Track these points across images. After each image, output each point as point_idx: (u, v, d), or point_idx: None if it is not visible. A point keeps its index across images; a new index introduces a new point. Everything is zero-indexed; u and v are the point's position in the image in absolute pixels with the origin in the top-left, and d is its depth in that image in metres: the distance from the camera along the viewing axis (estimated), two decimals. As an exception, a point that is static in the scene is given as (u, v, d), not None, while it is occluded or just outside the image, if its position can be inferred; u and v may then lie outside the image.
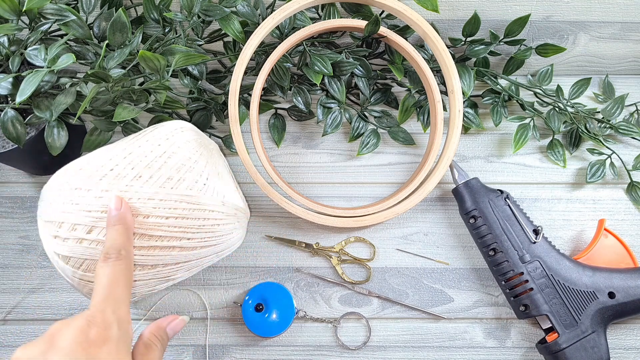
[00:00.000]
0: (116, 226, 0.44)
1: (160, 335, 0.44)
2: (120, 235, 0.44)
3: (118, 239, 0.43)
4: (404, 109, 0.62)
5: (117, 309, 0.40)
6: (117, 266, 0.42)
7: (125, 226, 0.44)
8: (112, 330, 0.39)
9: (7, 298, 0.59)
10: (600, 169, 0.61)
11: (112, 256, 0.43)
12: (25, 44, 0.49)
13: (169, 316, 0.46)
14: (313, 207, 0.57)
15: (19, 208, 0.61)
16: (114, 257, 0.43)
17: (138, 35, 0.52)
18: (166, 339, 0.44)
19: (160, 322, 0.45)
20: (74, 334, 0.37)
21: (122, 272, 0.42)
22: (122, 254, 0.43)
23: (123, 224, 0.44)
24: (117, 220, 0.44)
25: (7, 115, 0.48)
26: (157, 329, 0.44)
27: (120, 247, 0.43)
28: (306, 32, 0.56)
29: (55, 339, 0.37)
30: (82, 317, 0.38)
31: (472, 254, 0.60)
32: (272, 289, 0.57)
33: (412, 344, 0.58)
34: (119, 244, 0.43)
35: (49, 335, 0.37)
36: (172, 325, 0.46)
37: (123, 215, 0.44)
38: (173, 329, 0.45)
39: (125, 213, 0.44)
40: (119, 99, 0.53)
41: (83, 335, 0.37)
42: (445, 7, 0.60)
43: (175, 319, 0.46)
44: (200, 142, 0.51)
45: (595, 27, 0.62)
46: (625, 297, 0.53)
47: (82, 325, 0.38)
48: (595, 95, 0.66)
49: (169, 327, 0.45)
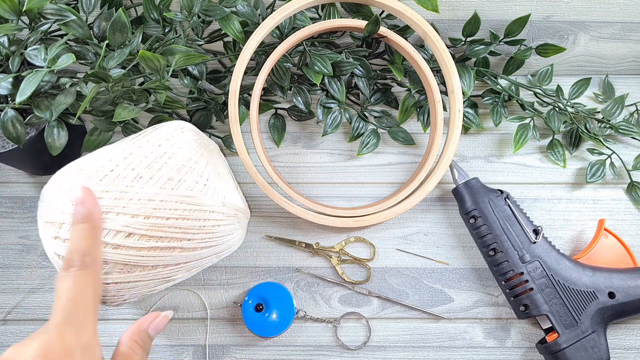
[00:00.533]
0: (81, 225, 0.37)
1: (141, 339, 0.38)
2: (85, 236, 0.37)
3: (82, 242, 0.37)
4: (404, 109, 0.62)
5: (81, 332, 0.34)
6: (81, 277, 0.36)
7: (92, 224, 0.38)
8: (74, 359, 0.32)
9: (7, 298, 0.59)
10: (600, 169, 0.61)
11: (74, 263, 0.36)
12: (25, 44, 0.49)
13: (149, 315, 0.40)
14: (313, 207, 0.57)
15: (19, 208, 0.61)
16: (77, 265, 0.36)
17: (138, 35, 0.52)
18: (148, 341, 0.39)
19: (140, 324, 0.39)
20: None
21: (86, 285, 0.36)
22: (87, 261, 0.36)
23: (89, 221, 0.37)
24: (83, 217, 0.37)
25: (7, 115, 0.48)
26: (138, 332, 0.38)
27: (84, 251, 0.36)
28: (306, 32, 0.56)
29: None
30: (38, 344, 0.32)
31: (472, 254, 0.60)
32: (272, 289, 0.57)
33: (412, 344, 0.58)
34: (83, 247, 0.37)
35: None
36: (154, 324, 0.40)
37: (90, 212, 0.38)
38: (155, 328, 0.40)
39: (92, 208, 0.38)
40: (119, 99, 0.52)
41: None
42: (445, 7, 0.60)
43: (156, 317, 0.40)
44: (200, 143, 0.51)
45: (595, 27, 0.62)
46: (625, 297, 0.53)
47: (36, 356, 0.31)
48: (595, 95, 0.66)
49: (150, 327, 0.39)
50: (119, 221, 0.44)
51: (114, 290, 0.46)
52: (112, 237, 0.44)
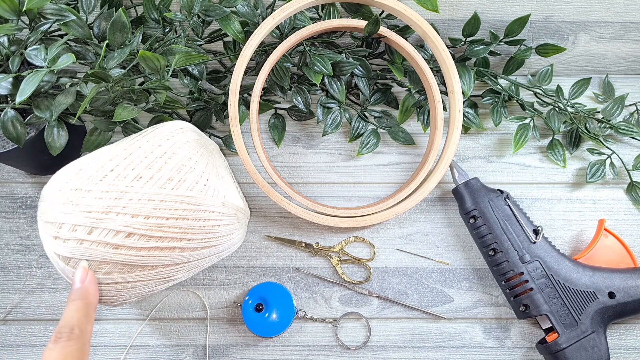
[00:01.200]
0: (75, 301, 0.40)
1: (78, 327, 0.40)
2: (76, 311, 0.40)
3: (74, 316, 0.39)
4: (404, 109, 0.62)
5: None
6: (67, 348, 0.38)
7: (86, 302, 0.40)
8: None
9: (7, 298, 0.59)
10: (600, 169, 0.61)
11: (63, 336, 0.38)
12: (25, 44, 0.49)
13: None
14: (313, 207, 0.57)
15: (19, 208, 0.61)
16: (65, 338, 0.38)
17: (138, 35, 0.52)
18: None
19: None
20: None
21: (71, 355, 0.37)
22: (75, 333, 0.38)
23: (83, 299, 0.40)
24: (78, 294, 0.40)
25: (7, 115, 0.48)
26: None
27: (73, 325, 0.39)
28: (306, 32, 0.56)
29: None
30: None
31: (472, 254, 0.60)
32: (272, 289, 0.57)
33: (412, 344, 0.58)
34: (73, 321, 0.39)
35: None
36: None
37: (85, 290, 0.41)
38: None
39: (88, 287, 0.41)
40: (119, 99, 0.52)
41: None
42: (445, 7, 0.60)
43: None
44: (200, 143, 0.51)
45: (595, 27, 0.62)
46: (625, 297, 0.53)
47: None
48: (595, 95, 0.66)
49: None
50: (119, 221, 0.44)
51: (114, 290, 0.46)
52: (112, 237, 0.44)
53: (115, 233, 0.44)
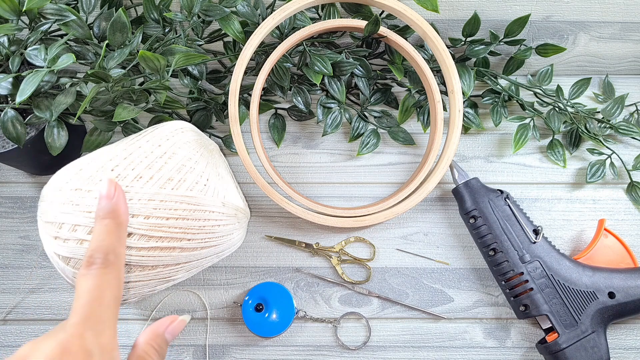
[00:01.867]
0: (105, 220, 0.36)
1: (157, 343, 0.37)
2: (109, 233, 0.36)
3: (106, 239, 0.36)
4: (404, 109, 0.62)
5: (100, 334, 0.33)
6: (103, 276, 0.34)
7: (117, 221, 0.36)
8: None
9: (7, 298, 0.59)
10: (600, 169, 0.61)
11: (96, 261, 0.35)
12: (25, 44, 0.49)
13: (166, 318, 0.39)
14: (313, 207, 0.57)
15: (19, 208, 0.61)
16: (99, 263, 0.35)
17: (138, 35, 0.52)
18: (165, 346, 0.37)
19: (156, 328, 0.38)
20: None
21: (109, 284, 0.34)
22: (110, 259, 0.35)
23: (114, 217, 0.36)
24: (108, 212, 0.36)
25: (7, 115, 0.48)
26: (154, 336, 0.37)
27: (108, 249, 0.35)
28: (306, 32, 0.56)
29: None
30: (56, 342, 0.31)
31: (472, 254, 0.60)
32: (272, 289, 0.57)
33: (412, 344, 0.58)
34: (107, 245, 0.36)
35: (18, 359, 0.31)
36: (171, 328, 0.39)
37: (115, 206, 0.36)
38: (172, 332, 0.39)
39: (118, 203, 0.37)
40: (119, 99, 0.52)
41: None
42: (445, 7, 0.60)
43: (173, 321, 0.39)
44: (200, 143, 0.51)
45: (595, 27, 0.62)
46: (625, 297, 0.53)
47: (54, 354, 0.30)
48: (595, 95, 0.66)
49: (167, 332, 0.38)
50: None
51: (114, 290, 0.46)
52: (112, 237, 0.45)
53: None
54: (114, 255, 0.35)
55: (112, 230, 0.36)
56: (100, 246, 0.35)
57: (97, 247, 0.35)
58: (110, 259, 0.35)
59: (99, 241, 0.36)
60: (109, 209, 0.36)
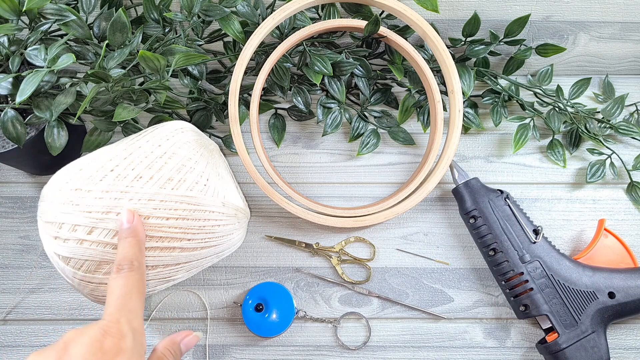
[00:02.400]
0: (128, 239, 0.44)
1: (174, 350, 0.43)
2: (132, 247, 0.44)
3: (130, 251, 0.43)
4: (404, 109, 0.62)
5: (132, 320, 0.40)
6: (131, 277, 0.42)
7: (137, 239, 0.44)
8: (127, 341, 0.39)
9: (7, 298, 0.59)
10: (600, 169, 0.61)
11: (124, 267, 0.42)
12: (25, 44, 0.49)
13: (183, 332, 0.46)
14: (313, 207, 0.57)
15: (19, 208, 0.61)
16: (127, 269, 0.42)
17: (138, 35, 0.52)
18: (179, 354, 0.44)
19: (174, 337, 0.45)
20: (89, 344, 0.37)
21: (135, 283, 0.42)
22: (135, 265, 0.43)
23: (135, 236, 0.44)
24: (129, 233, 0.44)
25: (7, 115, 0.48)
26: (172, 343, 0.44)
27: (132, 258, 0.43)
28: (306, 32, 0.56)
29: (69, 347, 0.37)
30: (97, 327, 0.38)
31: (472, 254, 0.60)
32: (272, 289, 0.57)
33: (412, 344, 0.58)
34: (131, 255, 0.43)
35: (63, 343, 0.37)
36: (186, 341, 0.45)
37: (135, 228, 0.44)
38: (186, 344, 0.45)
39: (137, 226, 0.44)
40: (119, 99, 0.52)
41: (97, 345, 0.37)
42: (445, 7, 0.60)
43: (189, 335, 0.46)
44: (200, 143, 0.51)
45: (595, 27, 0.62)
46: (625, 297, 0.53)
47: (96, 335, 0.37)
48: (595, 95, 0.66)
49: (182, 343, 0.45)
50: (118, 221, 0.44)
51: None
52: (112, 237, 0.45)
53: (116, 233, 0.44)
54: (138, 263, 0.43)
55: (133, 245, 0.44)
56: (125, 257, 0.43)
57: (124, 257, 0.43)
58: (135, 264, 0.43)
59: (124, 253, 0.43)
60: (130, 230, 0.44)
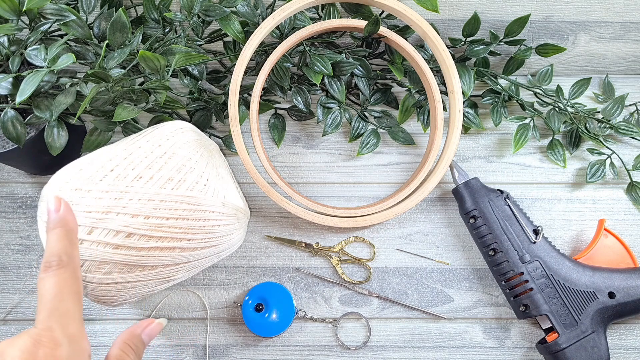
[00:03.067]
0: (55, 230, 0.39)
1: (134, 343, 0.40)
2: (60, 239, 0.39)
3: (57, 244, 0.39)
4: (404, 109, 0.62)
5: (66, 325, 0.36)
6: (60, 275, 0.37)
7: (66, 228, 0.40)
8: (62, 349, 0.35)
9: (7, 298, 0.59)
10: (600, 169, 0.61)
11: (52, 264, 0.38)
12: (25, 44, 0.49)
13: (143, 321, 0.42)
14: (313, 207, 0.57)
15: (19, 208, 0.61)
16: (55, 265, 0.38)
17: (138, 35, 0.52)
18: (141, 346, 0.41)
19: (134, 329, 0.41)
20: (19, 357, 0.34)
21: (66, 281, 0.37)
22: (64, 259, 0.38)
23: (63, 226, 0.40)
24: (57, 223, 0.39)
25: (7, 115, 0.48)
26: (131, 336, 0.40)
27: (61, 252, 0.38)
28: (306, 32, 0.56)
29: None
30: (28, 337, 0.35)
31: (472, 254, 0.60)
32: (272, 289, 0.57)
33: (412, 344, 0.58)
34: (58, 249, 0.38)
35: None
36: (148, 330, 0.42)
37: (63, 217, 0.40)
38: (149, 334, 0.42)
39: (65, 214, 0.40)
40: (119, 99, 0.52)
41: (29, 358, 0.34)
42: (445, 7, 0.60)
43: (150, 324, 0.42)
44: (200, 143, 0.51)
45: (595, 27, 0.62)
46: (625, 297, 0.53)
47: (27, 346, 0.34)
48: (595, 95, 0.66)
49: (144, 333, 0.42)
50: (119, 221, 0.44)
51: (114, 290, 0.46)
52: (112, 237, 0.45)
53: (115, 233, 0.44)
54: (67, 257, 0.39)
55: (62, 237, 0.39)
56: (53, 251, 0.39)
57: (51, 252, 0.39)
58: (64, 259, 0.38)
59: (51, 248, 0.39)
60: (57, 220, 0.40)
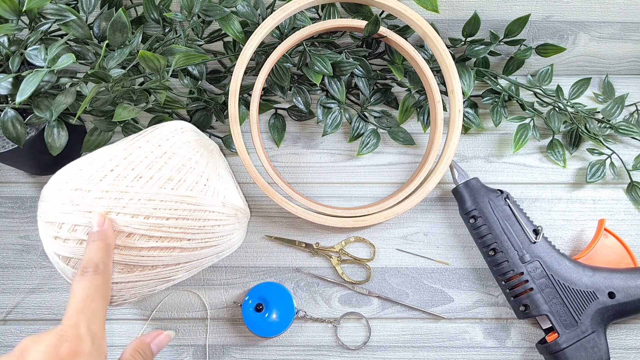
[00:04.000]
0: (96, 242, 0.43)
1: (143, 350, 0.42)
2: (99, 250, 0.43)
3: (97, 254, 0.42)
4: (404, 109, 0.62)
5: (92, 324, 0.39)
6: (94, 280, 0.41)
7: (105, 242, 0.43)
8: (85, 344, 0.38)
9: (7, 298, 0.59)
10: (600, 169, 0.61)
11: (89, 270, 0.42)
12: (25, 44, 0.49)
13: (153, 332, 0.45)
14: (313, 207, 0.57)
15: (19, 208, 0.61)
16: (91, 271, 0.42)
17: (138, 35, 0.52)
18: (150, 354, 0.43)
19: (144, 338, 0.44)
20: (44, 352, 0.36)
21: (98, 287, 0.41)
22: (100, 267, 0.42)
23: (103, 240, 0.43)
24: (98, 236, 0.43)
25: (7, 115, 0.48)
26: (141, 344, 0.43)
27: (98, 261, 0.42)
28: (306, 32, 0.56)
29: (24, 355, 0.36)
30: (54, 333, 0.37)
31: (472, 254, 0.60)
32: (272, 289, 0.57)
33: (412, 344, 0.58)
34: (97, 258, 0.42)
35: (19, 352, 0.36)
36: (157, 341, 0.44)
37: (104, 232, 0.43)
38: (158, 345, 0.44)
39: (107, 230, 0.43)
40: (119, 99, 0.52)
41: (54, 352, 0.36)
42: (445, 7, 0.60)
43: (159, 335, 0.45)
44: (200, 143, 0.51)
45: (595, 27, 0.62)
46: (625, 297, 0.53)
47: (53, 342, 0.36)
48: (595, 95, 0.66)
49: (153, 343, 0.44)
50: (119, 221, 0.44)
51: (115, 290, 0.46)
52: (112, 237, 0.45)
53: (116, 233, 0.44)
54: (103, 266, 0.42)
55: (101, 248, 0.43)
56: (91, 259, 0.42)
57: (89, 260, 0.42)
58: (100, 267, 0.42)
59: (90, 256, 0.43)
60: (99, 234, 0.43)
